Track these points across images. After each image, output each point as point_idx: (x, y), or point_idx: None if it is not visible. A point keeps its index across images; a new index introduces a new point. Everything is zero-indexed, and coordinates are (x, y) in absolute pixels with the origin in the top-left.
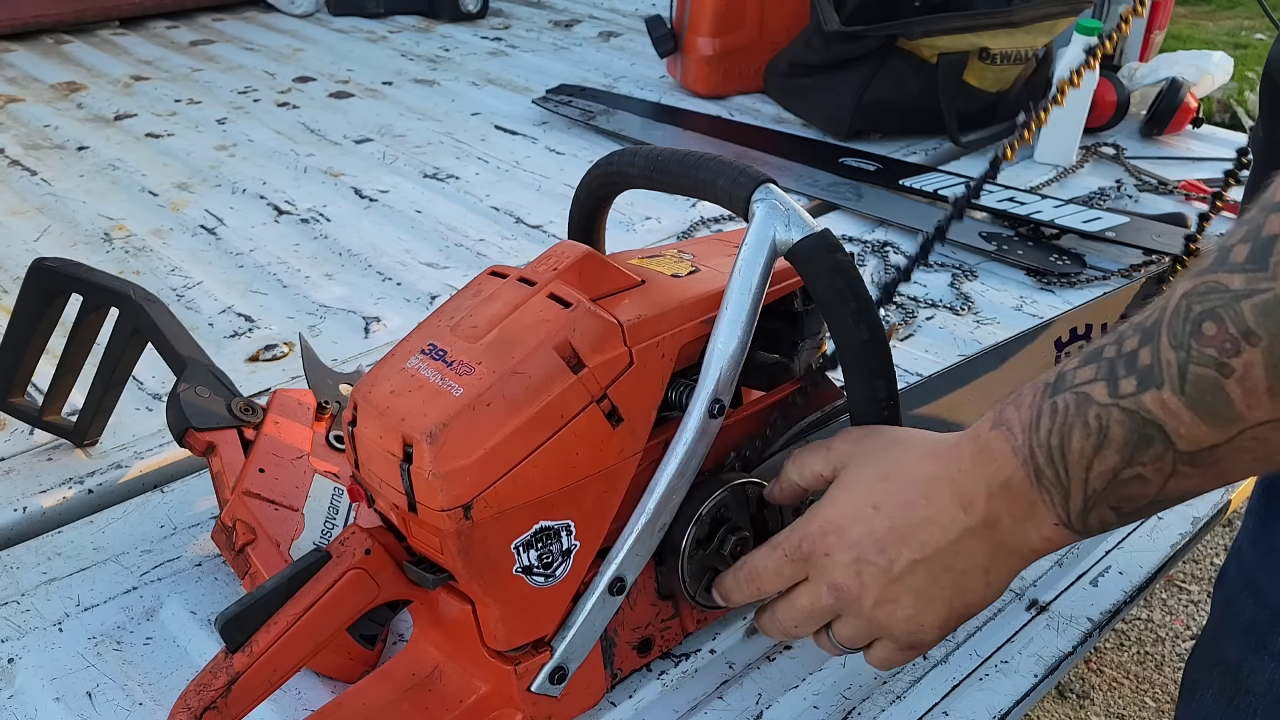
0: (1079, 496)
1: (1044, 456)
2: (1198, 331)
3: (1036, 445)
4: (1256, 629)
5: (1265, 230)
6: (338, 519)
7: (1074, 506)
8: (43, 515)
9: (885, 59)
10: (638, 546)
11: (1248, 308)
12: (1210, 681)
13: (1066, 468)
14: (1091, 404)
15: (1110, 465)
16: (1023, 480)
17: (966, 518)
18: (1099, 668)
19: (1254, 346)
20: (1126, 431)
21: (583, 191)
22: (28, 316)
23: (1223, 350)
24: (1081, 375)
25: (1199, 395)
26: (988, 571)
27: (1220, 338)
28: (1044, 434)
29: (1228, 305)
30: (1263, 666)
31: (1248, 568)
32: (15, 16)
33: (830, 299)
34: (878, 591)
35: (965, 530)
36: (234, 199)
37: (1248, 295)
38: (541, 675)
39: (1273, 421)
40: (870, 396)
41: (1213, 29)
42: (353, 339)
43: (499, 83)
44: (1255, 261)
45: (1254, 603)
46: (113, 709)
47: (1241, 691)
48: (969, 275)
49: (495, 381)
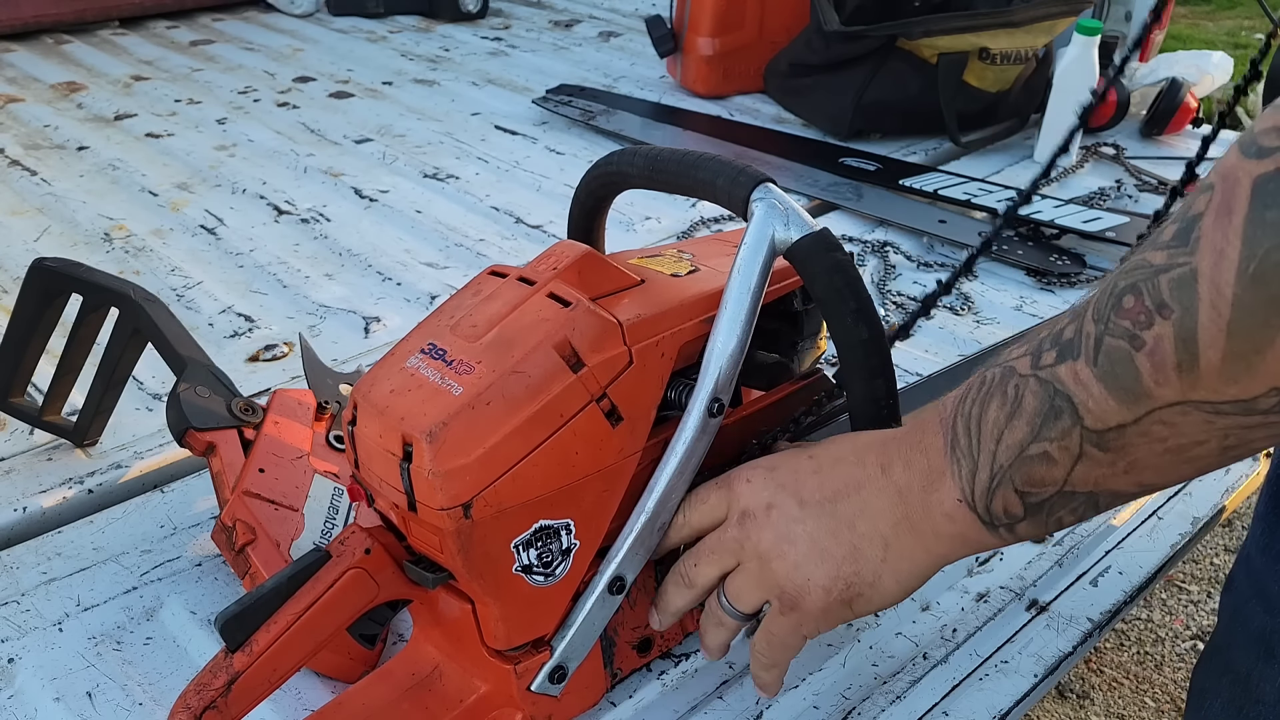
0: (985, 471)
1: (962, 425)
2: (1118, 305)
3: (959, 414)
4: (1266, 637)
5: (1192, 209)
6: (338, 519)
7: (980, 482)
8: (43, 515)
9: (885, 59)
10: (637, 545)
11: (1164, 281)
12: (1219, 689)
13: (979, 436)
14: (1014, 375)
15: (1019, 437)
16: (939, 449)
17: (881, 478)
18: (1099, 668)
19: (1165, 319)
20: (1038, 401)
21: (582, 191)
22: (28, 316)
23: (1136, 322)
24: (1014, 352)
25: (1109, 366)
26: (887, 545)
27: (1136, 310)
28: (968, 404)
29: (1148, 279)
30: (1273, 675)
31: (1256, 575)
32: (15, 16)
33: (829, 298)
34: (779, 529)
35: (876, 488)
36: (234, 199)
37: (1166, 269)
38: (541, 675)
39: (1181, 405)
40: (870, 396)
41: (1213, 29)
42: (353, 339)
43: (499, 83)
44: (1179, 239)
45: (1263, 611)
46: (113, 709)
47: (1251, 700)
48: (969, 275)
49: (495, 380)
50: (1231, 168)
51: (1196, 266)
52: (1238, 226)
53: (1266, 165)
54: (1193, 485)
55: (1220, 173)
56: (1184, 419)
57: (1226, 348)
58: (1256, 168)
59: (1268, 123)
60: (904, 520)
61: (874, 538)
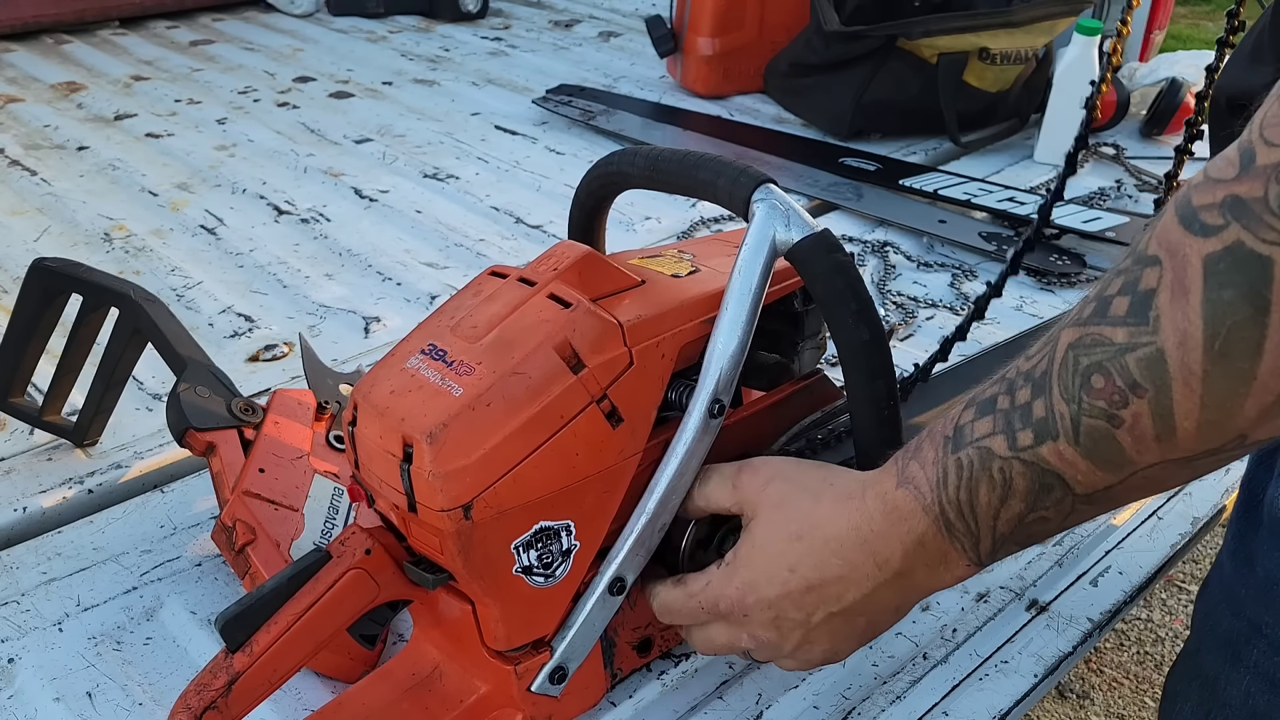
0: (988, 541)
1: (954, 512)
2: (1087, 384)
3: (946, 502)
4: (1233, 641)
5: (1142, 284)
6: (338, 519)
7: (984, 549)
8: (43, 515)
9: (885, 59)
10: (638, 546)
11: (1132, 361)
12: (1189, 693)
13: (976, 519)
14: (994, 458)
15: (1016, 513)
16: (935, 535)
17: (881, 574)
18: (1099, 668)
19: (1140, 398)
20: (1029, 482)
21: (583, 191)
22: (28, 316)
23: (1111, 403)
24: (979, 429)
25: (1093, 445)
26: (899, 610)
27: (1109, 391)
28: (952, 491)
29: (1113, 359)
30: (1239, 679)
31: (1226, 579)
32: (15, 16)
33: (830, 299)
34: (797, 640)
35: (880, 584)
36: (234, 199)
37: (1131, 349)
38: (541, 675)
39: (1162, 463)
40: (870, 396)
41: (1213, 29)
42: (353, 339)
43: (499, 83)
44: (1135, 315)
45: (1231, 615)
46: (113, 709)
47: (1218, 704)
48: (969, 275)
49: (495, 382)
50: (1178, 243)
51: (1162, 347)
52: (1196, 306)
53: (1213, 244)
54: (1193, 486)
55: (1165, 246)
56: (1162, 472)
57: (1200, 417)
58: (1203, 246)
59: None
60: (911, 589)
61: (886, 611)
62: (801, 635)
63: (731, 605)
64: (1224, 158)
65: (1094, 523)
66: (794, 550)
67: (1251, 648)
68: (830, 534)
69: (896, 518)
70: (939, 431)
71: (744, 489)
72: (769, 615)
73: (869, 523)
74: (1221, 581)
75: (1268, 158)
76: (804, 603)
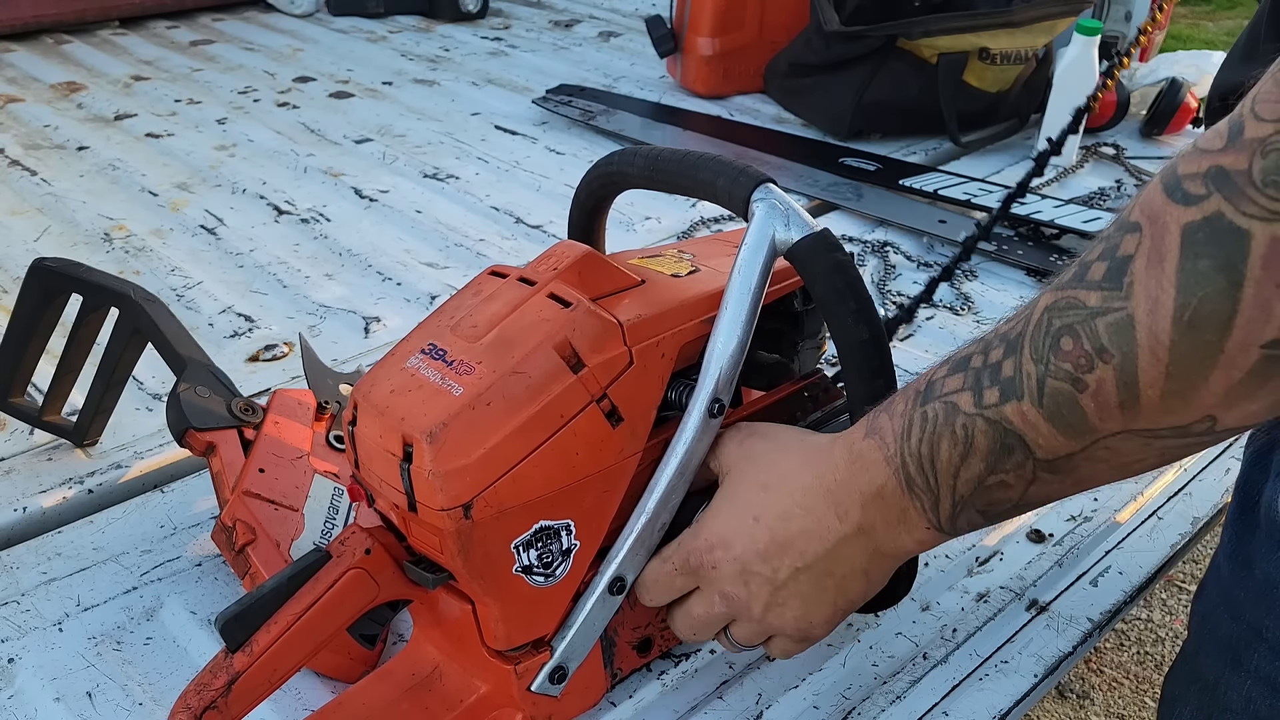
0: (948, 502)
1: (914, 465)
2: (1056, 346)
3: (908, 454)
4: (1233, 645)
5: (1121, 250)
6: (338, 519)
7: (943, 511)
8: (43, 515)
9: (885, 59)
10: (638, 546)
11: (1102, 326)
12: (1188, 697)
13: (936, 475)
14: (959, 413)
15: (976, 472)
16: (895, 488)
17: (842, 526)
18: (1099, 668)
19: (1106, 364)
20: (990, 441)
21: (583, 191)
22: (28, 316)
23: (1078, 366)
24: (950, 384)
25: (1055, 408)
26: (867, 573)
27: (1076, 353)
28: (914, 443)
29: (1084, 322)
30: (1239, 683)
31: (1224, 583)
32: (15, 16)
33: (830, 298)
34: (766, 598)
35: (841, 538)
36: (234, 199)
37: (1102, 313)
38: (541, 675)
39: (1123, 433)
40: (870, 396)
41: (1213, 29)
42: (353, 339)
43: (499, 83)
44: (1111, 281)
45: (1230, 618)
46: (113, 709)
47: (1219, 708)
48: (969, 275)
49: (495, 381)
50: (1159, 211)
51: (1132, 313)
52: (1170, 275)
53: (1193, 213)
54: (1193, 485)
55: (1147, 214)
56: (1125, 444)
57: (1165, 387)
58: (1184, 215)
59: (1191, 166)
60: (875, 551)
61: (854, 574)
62: (770, 593)
63: (700, 559)
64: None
65: (1094, 522)
66: (759, 499)
67: (1252, 652)
68: (795, 484)
69: (859, 467)
70: (913, 386)
71: (722, 447)
72: (735, 569)
73: (833, 471)
74: (1219, 584)
75: (1256, 131)
76: (769, 555)
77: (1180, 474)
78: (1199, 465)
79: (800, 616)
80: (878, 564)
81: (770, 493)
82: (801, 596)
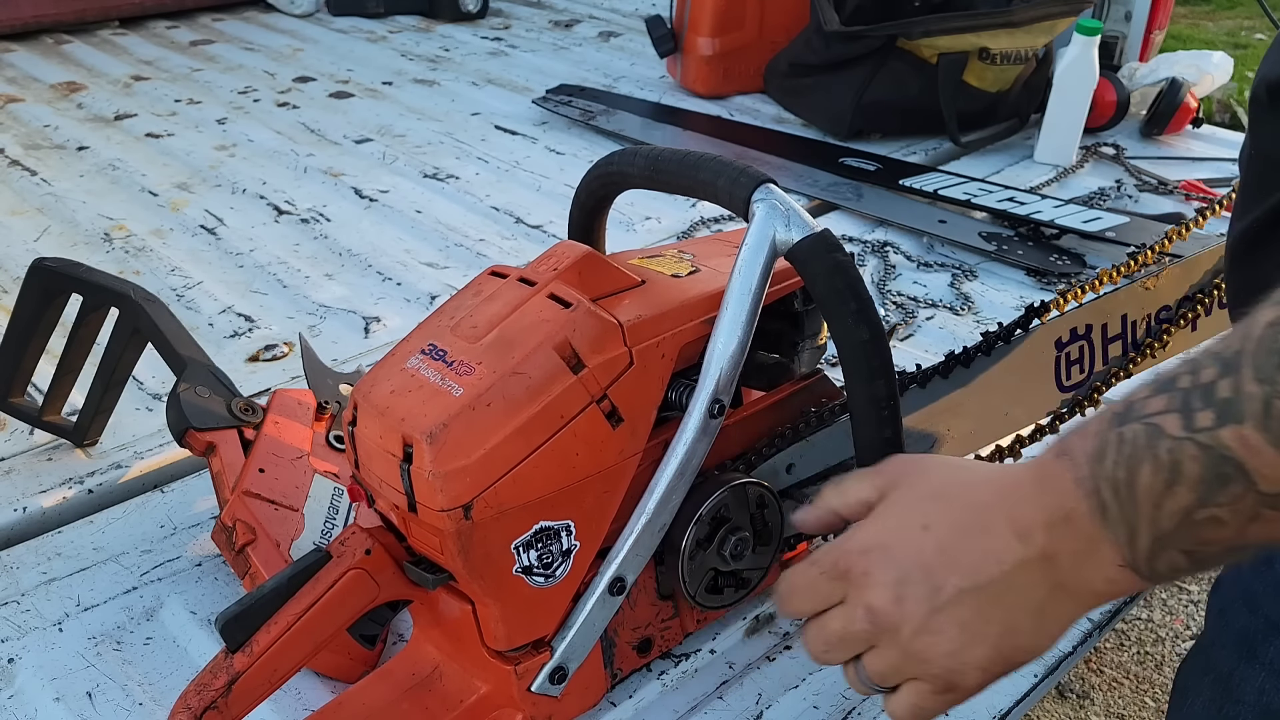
0: (1146, 536)
1: (1109, 490)
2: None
3: (1101, 477)
4: (1249, 637)
5: None
6: (337, 519)
7: (1140, 547)
8: (43, 515)
9: (885, 59)
10: (638, 546)
11: None
12: (1201, 689)
13: (1135, 503)
14: (1163, 437)
15: (1183, 504)
16: (1085, 514)
17: (1023, 548)
18: (1099, 668)
19: None
20: (1202, 468)
21: (583, 192)
22: (28, 316)
23: None
24: (1152, 405)
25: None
26: (1042, 613)
27: None
28: (1109, 466)
29: None
30: (1253, 675)
31: (1242, 576)
32: (15, 16)
33: (830, 299)
34: (919, 620)
35: (1021, 561)
36: (234, 199)
37: None
38: (542, 675)
39: None
40: (870, 396)
41: (1213, 29)
42: (353, 339)
43: (499, 83)
44: None
45: (1247, 611)
46: (113, 709)
47: (1231, 700)
48: (969, 275)
49: (495, 382)
50: None
51: None
52: None
53: None
54: None
55: None
56: None
57: None
58: None
59: None
60: (1057, 586)
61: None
62: (925, 614)
63: (851, 561)
64: None
65: None
66: (931, 508)
67: (1268, 644)
68: (974, 498)
69: (1046, 487)
70: (1110, 409)
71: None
72: (891, 577)
73: (1018, 489)
74: (1237, 578)
75: None
76: (934, 568)
77: None
78: None
79: (953, 652)
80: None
81: (944, 502)
82: (961, 625)
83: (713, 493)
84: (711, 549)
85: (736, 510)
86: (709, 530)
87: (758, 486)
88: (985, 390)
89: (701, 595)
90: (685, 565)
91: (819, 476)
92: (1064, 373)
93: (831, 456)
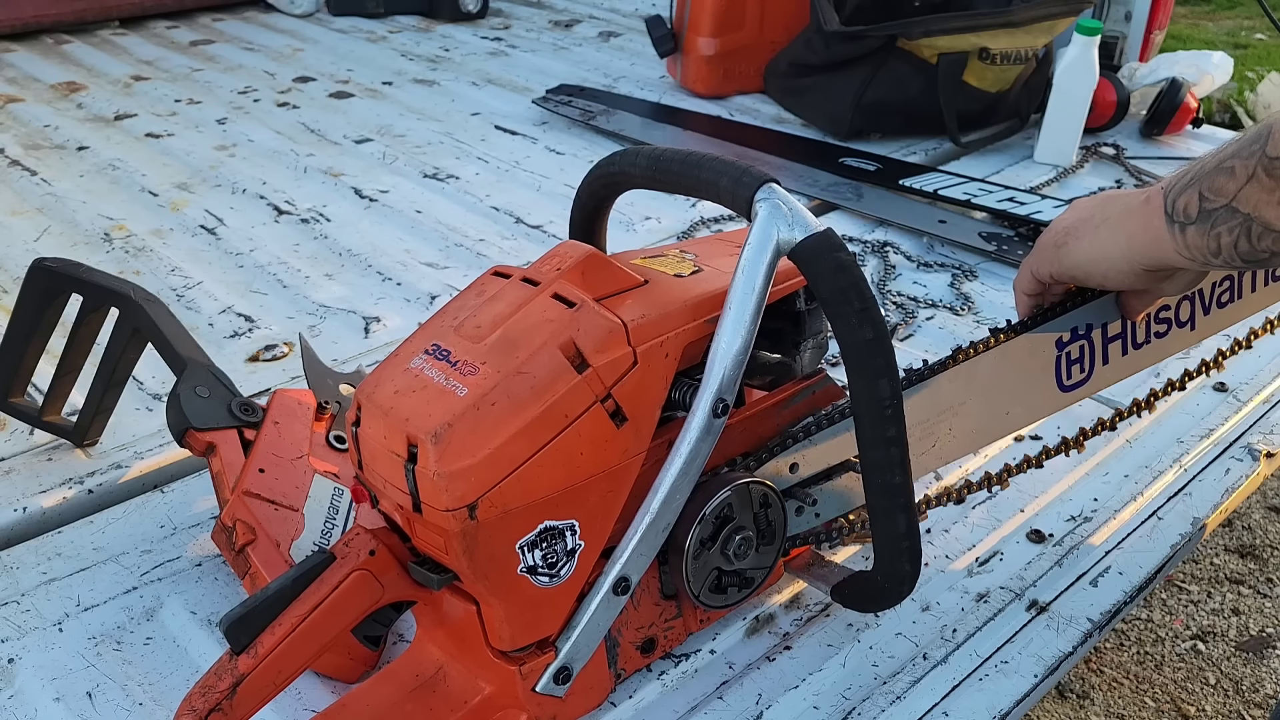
0: (1185, 179)
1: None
2: None
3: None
4: None
5: None
6: (338, 519)
7: (1176, 187)
8: (43, 515)
9: (885, 59)
10: (642, 546)
11: None
12: None
13: (1190, 170)
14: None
15: (1220, 156)
16: (1158, 193)
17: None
18: (1099, 668)
19: None
20: (1241, 139)
21: (584, 192)
22: (28, 316)
23: None
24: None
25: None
26: (1106, 219)
27: None
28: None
29: None
30: None
31: None
32: (15, 16)
33: (833, 298)
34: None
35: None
36: (234, 199)
37: None
38: (546, 675)
39: None
40: (873, 396)
41: (1213, 29)
42: (353, 339)
43: (499, 83)
44: None
45: None
46: (113, 709)
47: None
48: (969, 275)
49: (500, 381)
50: None
51: None
52: None
53: None
54: (1193, 485)
55: None
56: None
57: None
58: None
59: None
60: (1123, 212)
61: (1100, 218)
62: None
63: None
64: None
65: (1093, 522)
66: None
67: None
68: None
69: (1150, 201)
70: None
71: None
72: (1063, 223)
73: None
74: None
75: None
76: (1082, 214)
77: (1180, 474)
78: (1199, 465)
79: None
80: (1114, 221)
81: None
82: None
83: (716, 492)
84: (715, 548)
85: (740, 510)
86: (713, 530)
87: (761, 486)
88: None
89: (705, 595)
90: (689, 565)
91: (822, 475)
92: (1064, 372)
93: (834, 455)
